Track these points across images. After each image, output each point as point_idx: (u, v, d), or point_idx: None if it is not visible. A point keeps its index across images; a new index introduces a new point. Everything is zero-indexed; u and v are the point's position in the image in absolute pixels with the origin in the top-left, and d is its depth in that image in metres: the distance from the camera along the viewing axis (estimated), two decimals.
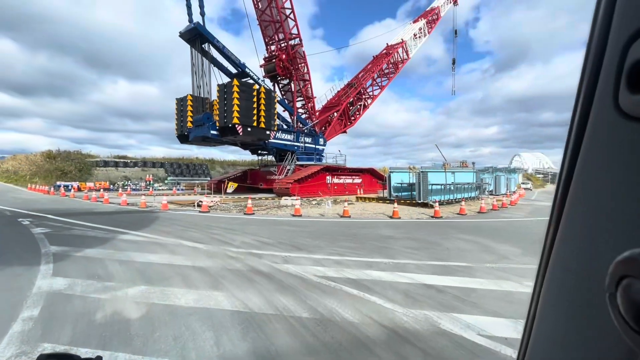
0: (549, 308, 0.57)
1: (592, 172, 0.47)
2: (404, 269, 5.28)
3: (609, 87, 0.43)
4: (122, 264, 5.38)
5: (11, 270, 5.00)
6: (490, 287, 4.43)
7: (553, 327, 0.55)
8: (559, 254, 0.53)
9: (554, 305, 0.55)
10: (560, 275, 0.53)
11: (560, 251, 0.53)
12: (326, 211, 14.34)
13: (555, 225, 0.53)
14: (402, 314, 3.50)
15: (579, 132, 0.48)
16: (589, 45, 0.46)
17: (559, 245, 0.53)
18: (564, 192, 0.52)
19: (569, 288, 0.51)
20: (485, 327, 3.20)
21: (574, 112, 0.49)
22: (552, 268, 0.55)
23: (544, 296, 0.57)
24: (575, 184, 0.50)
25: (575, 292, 0.50)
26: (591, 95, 0.46)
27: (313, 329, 3.16)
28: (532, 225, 11.04)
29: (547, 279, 0.56)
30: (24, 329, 3.08)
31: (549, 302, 0.56)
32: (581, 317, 0.48)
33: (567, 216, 0.51)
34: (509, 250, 6.72)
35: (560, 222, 0.53)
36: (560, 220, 0.53)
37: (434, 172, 17.85)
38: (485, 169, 28.11)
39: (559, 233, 0.53)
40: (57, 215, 11.83)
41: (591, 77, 0.46)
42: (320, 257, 6.01)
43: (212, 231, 8.88)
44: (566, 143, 0.51)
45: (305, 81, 28.58)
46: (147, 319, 3.34)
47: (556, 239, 0.53)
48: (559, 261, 0.53)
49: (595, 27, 0.44)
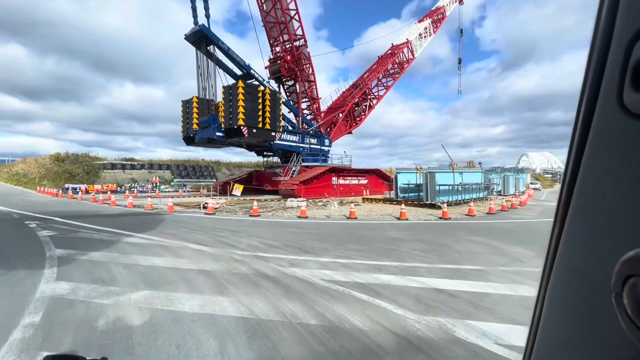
0: (554, 309, 0.56)
1: (597, 171, 0.47)
2: (414, 272, 5.12)
3: (613, 86, 0.43)
4: (127, 268, 5.31)
5: (15, 274, 4.95)
6: (505, 291, 4.25)
7: (558, 329, 0.55)
8: (564, 254, 0.53)
9: (559, 306, 0.55)
10: (565, 276, 0.53)
11: (565, 251, 0.52)
12: (332, 213, 14.21)
13: (560, 225, 0.53)
14: (414, 321, 3.35)
15: (584, 131, 0.48)
16: (593, 43, 0.45)
17: (564, 245, 0.53)
18: (569, 192, 0.51)
19: (574, 288, 0.51)
20: (502, 336, 3.03)
21: (578, 111, 0.49)
22: (557, 269, 0.54)
23: (549, 297, 0.57)
24: (580, 183, 0.49)
25: (580, 292, 0.49)
26: (595, 94, 0.46)
27: (321, 336, 3.03)
28: (543, 226, 10.77)
29: (552, 280, 0.56)
30: (24, 337, 3.00)
31: (554, 303, 0.56)
32: (587, 317, 0.48)
33: (572, 216, 0.51)
34: (521, 253, 6.51)
35: (565, 222, 0.52)
36: (565, 220, 0.52)
37: (442, 173, 17.60)
38: (492, 169, 27.77)
39: (563, 233, 0.52)
40: (64, 218, 11.87)
41: (595, 75, 0.45)
42: (327, 260, 5.87)
43: (218, 233, 8.80)
44: (570, 142, 0.50)
45: (310, 82, 28.51)
46: (150, 326, 3.24)
47: (561, 239, 0.53)
48: (564, 261, 0.53)
49: (599, 26, 0.44)
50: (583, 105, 0.48)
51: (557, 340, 0.56)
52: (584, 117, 0.48)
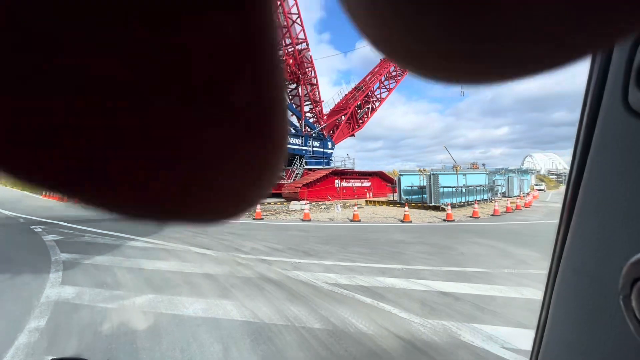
0: (560, 312, 0.55)
1: (603, 171, 0.46)
2: (418, 275, 5.09)
3: (617, 86, 0.42)
4: (131, 272, 5.33)
5: (21, 279, 4.98)
6: (511, 294, 4.21)
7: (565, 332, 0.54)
8: (570, 256, 0.52)
9: (566, 309, 0.54)
10: (572, 278, 0.52)
11: (571, 253, 0.52)
12: (335, 215, 14.19)
13: (566, 226, 0.52)
14: (419, 325, 3.32)
15: (589, 131, 0.47)
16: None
17: (570, 247, 0.52)
18: (574, 192, 0.50)
19: (580, 291, 0.50)
20: (509, 339, 3.00)
21: (583, 111, 0.48)
22: (564, 271, 0.53)
23: (555, 300, 0.56)
24: (585, 184, 0.49)
25: (587, 295, 0.49)
26: (600, 94, 0.45)
27: (326, 340, 3.01)
28: (549, 228, 10.67)
29: (558, 283, 0.55)
30: (29, 341, 3.01)
31: (560, 306, 0.55)
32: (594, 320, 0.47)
33: (577, 217, 0.50)
34: (527, 255, 6.45)
35: (570, 223, 0.51)
36: (570, 221, 0.51)
37: (445, 175, 17.54)
38: (496, 170, 27.61)
39: (569, 235, 0.52)
40: (69, 222, 11.97)
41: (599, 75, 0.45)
42: (331, 264, 5.85)
43: (221, 237, 8.81)
44: (575, 142, 0.50)
45: (313, 85, 28.62)
46: (154, 330, 3.24)
47: (567, 241, 0.52)
48: (570, 263, 0.52)
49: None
50: (588, 105, 0.47)
51: (563, 343, 0.55)
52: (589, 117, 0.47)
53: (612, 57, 0.43)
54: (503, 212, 14.77)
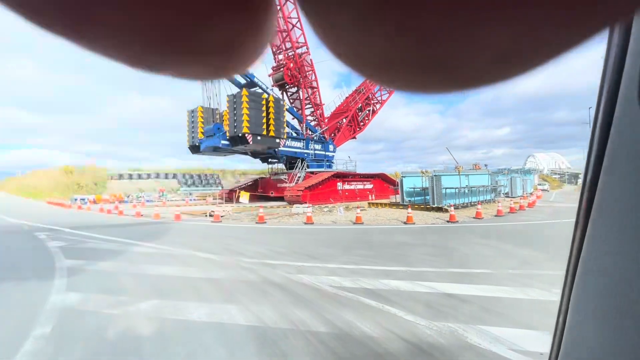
0: (579, 313, 0.53)
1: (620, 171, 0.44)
2: (423, 277, 5.06)
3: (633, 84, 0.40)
4: (135, 277, 5.33)
5: (26, 285, 5.00)
6: (517, 295, 4.17)
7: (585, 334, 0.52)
8: (588, 258, 0.50)
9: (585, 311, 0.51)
10: (591, 280, 0.50)
11: (589, 255, 0.50)
12: (338, 218, 14.16)
13: (583, 227, 0.51)
14: (425, 327, 3.30)
15: (604, 132, 0.46)
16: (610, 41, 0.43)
17: (588, 248, 0.50)
18: (591, 192, 0.49)
19: (600, 293, 0.48)
20: (516, 341, 2.97)
21: (597, 111, 0.47)
22: (582, 273, 0.51)
23: (574, 302, 0.54)
24: (602, 184, 0.47)
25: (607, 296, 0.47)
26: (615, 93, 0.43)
27: (331, 344, 3.00)
28: (553, 228, 10.61)
29: (576, 284, 0.53)
30: (35, 348, 3.01)
31: (579, 307, 0.53)
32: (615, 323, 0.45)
33: (595, 218, 0.48)
34: (532, 256, 6.41)
35: (587, 224, 0.50)
36: (587, 222, 0.50)
37: (448, 176, 17.50)
38: (499, 170, 27.52)
39: (587, 236, 0.50)
40: (73, 229, 12.00)
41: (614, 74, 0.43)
42: (334, 267, 5.84)
43: (225, 241, 8.81)
44: (590, 142, 0.49)
45: (313, 88, 28.68)
46: (159, 335, 3.23)
47: (584, 242, 0.50)
48: (589, 264, 0.50)
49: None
50: (602, 105, 0.46)
51: (583, 345, 0.53)
52: (604, 116, 0.46)
53: (626, 54, 0.42)
54: (506, 213, 14.70)
